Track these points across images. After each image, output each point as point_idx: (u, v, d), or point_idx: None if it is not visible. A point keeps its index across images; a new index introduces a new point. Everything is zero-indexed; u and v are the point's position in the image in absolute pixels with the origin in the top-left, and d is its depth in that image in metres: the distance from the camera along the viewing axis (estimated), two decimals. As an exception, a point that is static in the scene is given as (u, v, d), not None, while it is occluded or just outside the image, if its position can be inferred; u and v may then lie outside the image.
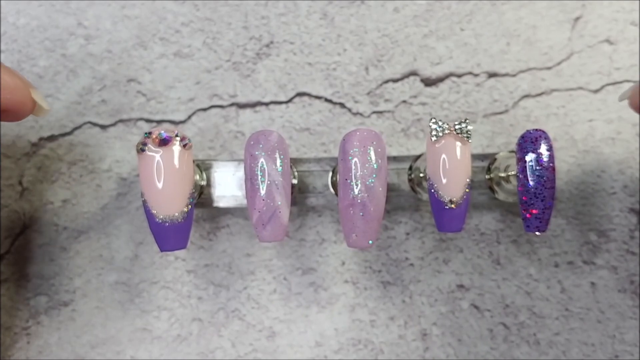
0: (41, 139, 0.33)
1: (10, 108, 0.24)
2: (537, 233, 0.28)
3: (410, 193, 0.31)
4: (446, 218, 0.27)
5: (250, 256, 0.33)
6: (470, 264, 0.33)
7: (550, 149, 0.27)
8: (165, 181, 0.26)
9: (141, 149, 0.26)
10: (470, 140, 0.27)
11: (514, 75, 0.34)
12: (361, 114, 0.34)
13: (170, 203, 0.26)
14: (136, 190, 0.33)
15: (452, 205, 0.27)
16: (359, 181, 0.26)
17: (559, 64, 0.34)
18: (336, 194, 0.30)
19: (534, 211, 0.27)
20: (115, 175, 0.33)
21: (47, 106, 0.26)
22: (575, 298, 0.33)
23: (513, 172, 0.29)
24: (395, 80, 0.34)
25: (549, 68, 0.34)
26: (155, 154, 0.26)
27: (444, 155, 0.27)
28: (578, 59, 0.34)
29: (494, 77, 0.34)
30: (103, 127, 0.34)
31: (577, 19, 0.34)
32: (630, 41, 0.34)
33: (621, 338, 0.32)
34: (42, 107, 0.26)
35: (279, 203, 0.26)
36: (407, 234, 0.33)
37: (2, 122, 0.33)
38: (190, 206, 0.27)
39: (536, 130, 0.27)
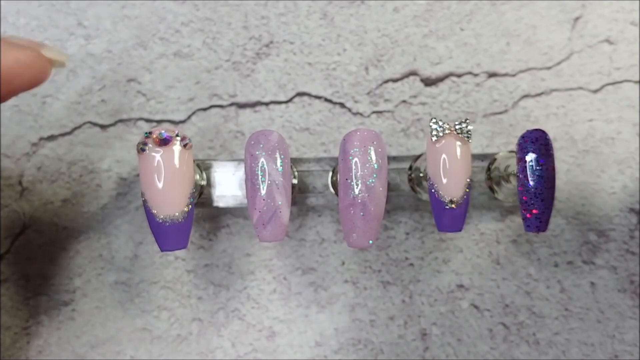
0: (41, 139, 0.33)
1: (33, 81, 0.23)
2: (537, 233, 0.28)
3: (410, 193, 0.31)
4: (446, 218, 0.27)
5: (250, 256, 0.33)
6: (470, 263, 0.33)
7: (550, 149, 0.27)
8: (165, 181, 0.26)
9: (141, 148, 0.26)
10: (470, 140, 0.27)
11: (513, 75, 0.34)
12: (361, 114, 0.34)
13: (171, 203, 0.26)
14: (136, 190, 0.33)
15: (453, 205, 0.27)
16: (360, 181, 0.26)
17: (558, 64, 0.34)
18: (336, 193, 0.30)
19: (534, 211, 0.27)
20: (115, 175, 0.33)
21: (65, 57, 0.25)
22: (574, 298, 0.33)
23: (513, 172, 0.29)
24: (395, 80, 0.34)
25: (548, 68, 0.34)
26: (156, 154, 0.26)
27: (444, 155, 0.27)
28: (578, 59, 0.34)
29: (494, 77, 0.34)
30: (103, 127, 0.34)
31: (577, 19, 0.34)
32: (630, 41, 0.34)
33: (621, 338, 0.32)
34: (60, 61, 0.24)
35: (280, 203, 0.26)
36: (407, 233, 0.33)
37: (2, 122, 0.33)
38: (190, 206, 0.27)
39: (536, 130, 0.28)
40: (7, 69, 0.22)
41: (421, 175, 0.30)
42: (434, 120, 0.27)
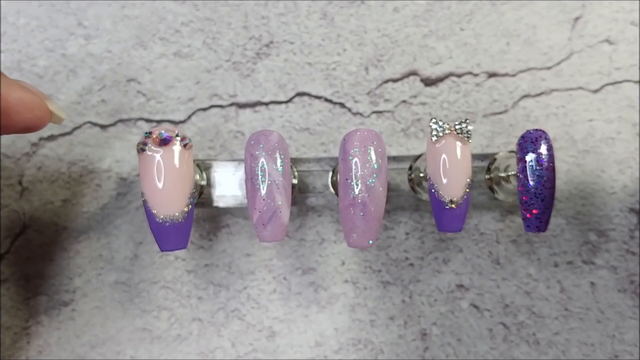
0: (41, 139, 0.33)
1: (30, 125, 0.25)
2: (537, 233, 0.28)
3: (410, 193, 0.31)
4: (446, 218, 0.27)
5: (250, 256, 0.33)
6: (470, 263, 0.33)
7: (550, 149, 0.27)
8: (165, 181, 0.26)
9: (141, 148, 0.26)
10: (470, 140, 0.27)
11: (513, 75, 0.34)
12: (361, 114, 0.34)
13: (171, 203, 0.26)
14: (136, 190, 0.33)
15: (453, 205, 0.27)
16: (360, 181, 0.26)
17: (558, 64, 0.34)
18: (336, 193, 0.30)
19: (535, 211, 0.27)
20: (115, 175, 0.33)
21: (64, 115, 0.26)
22: (574, 298, 0.33)
23: (513, 172, 0.29)
24: (395, 80, 0.34)
25: (548, 68, 0.34)
26: (156, 154, 0.26)
27: (444, 155, 0.27)
28: (578, 59, 0.34)
29: (494, 77, 0.34)
30: (103, 127, 0.34)
31: (577, 19, 0.34)
32: (630, 41, 0.34)
33: (621, 338, 0.32)
34: (59, 117, 0.26)
35: (280, 203, 0.26)
36: (407, 233, 0.33)
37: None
38: (190, 206, 0.27)
39: (536, 130, 0.28)
40: (10, 105, 0.23)
41: (421, 175, 0.30)
42: (434, 120, 0.27)
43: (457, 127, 0.27)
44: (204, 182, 0.30)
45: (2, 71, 0.34)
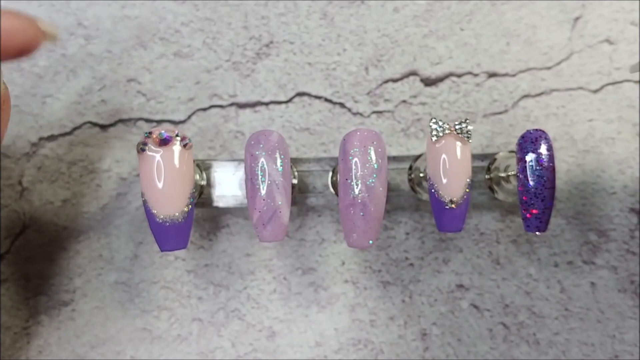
0: (41, 139, 0.33)
1: (25, 47, 0.24)
2: (537, 233, 0.28)
3: (410, 193, 0.31)
4: (446, 218, 0.27)
5: (250, 256, 0.33)
6: (470, 263, 0.33)
7: (550, 149, 0.27)
8: (165, 181, 0.26)
9: (141, 148, 0.26)
10: (470, 140, 0.27)
11: (513, 75, 0.34)
12: (361, 114, 0.34)
13: (171, 203, 0.26)
14: (136, 190, 0.33)
15: (453, 205, 0.27)
16: (360, 181, 0.26)
17: (558, 64, 0.34)
18: (336, 193, 0.30)
19: (534, 211, 0.27)
20: (115, 175, 0.33)
21: (57, 31, 0.26)
22: (574, 298, 0.33)
23: (513, 172, 0.29)
24: (395, 80, 0.34)
25: (548, 68, 0.34)
26: (156, 154, 0.26)
27: (444, 155, 0.27)
28: (578, 59, 0.34)
29: (494, 77, 0.34)
30: (103, 127, 0.34)
31: (577, 19, 0.34)
32: (630, 41, 0.34)
33: (621, 338, 0.32)
34: (52, 35, 0.25)
35: (280, 203, 0.26)
36: (407, 233, 0.33)
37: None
38: (190, 206, 0.27)
39: (536, 130, 0.28)
40: (2, 32, 0.23)
41: (421, 175, 0.30)
42: (434, 120, 0.27)
43: (457, 127, 0.27)
44: (204, 182, 0.30)
45: (3, 70, 0.34)
